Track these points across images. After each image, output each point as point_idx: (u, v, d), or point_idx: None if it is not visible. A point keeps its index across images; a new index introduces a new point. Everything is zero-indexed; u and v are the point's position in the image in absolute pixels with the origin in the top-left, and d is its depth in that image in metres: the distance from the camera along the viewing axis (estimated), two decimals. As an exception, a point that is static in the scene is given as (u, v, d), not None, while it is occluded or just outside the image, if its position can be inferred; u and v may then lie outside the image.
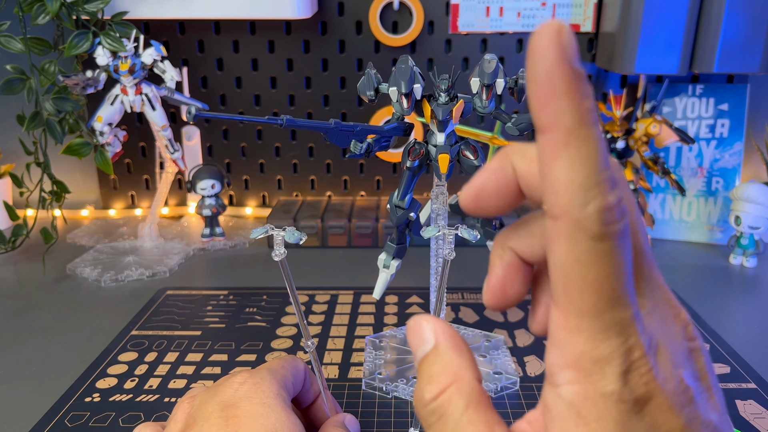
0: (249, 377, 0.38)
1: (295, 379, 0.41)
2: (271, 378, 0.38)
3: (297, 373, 0.42)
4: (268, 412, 0.35)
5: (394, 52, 0.91)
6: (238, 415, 0.35)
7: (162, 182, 0.86)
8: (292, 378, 0.41)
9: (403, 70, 0.48)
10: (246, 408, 0.35)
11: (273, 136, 0.96)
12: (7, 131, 0.93)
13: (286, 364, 0.42)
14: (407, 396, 0.53)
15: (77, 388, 0.55)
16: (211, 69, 0.93)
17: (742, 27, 0.76)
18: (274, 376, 0.39)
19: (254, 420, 0.35)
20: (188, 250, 0.84)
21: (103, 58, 0.74)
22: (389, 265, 0.56)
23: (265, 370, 0.39)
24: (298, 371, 0.42)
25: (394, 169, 0.97)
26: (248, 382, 0.37)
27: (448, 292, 0.57)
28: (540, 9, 0.88)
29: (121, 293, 0.73)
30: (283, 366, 0.41)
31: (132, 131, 0.93)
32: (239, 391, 0.37)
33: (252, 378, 0.38)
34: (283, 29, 0.91)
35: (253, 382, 0.37)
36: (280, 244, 0.41)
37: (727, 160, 0.86)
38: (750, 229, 0.79)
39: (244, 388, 0.37)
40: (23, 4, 0.72)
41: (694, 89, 0.87)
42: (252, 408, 0.36)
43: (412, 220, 0.54)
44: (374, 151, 0.50)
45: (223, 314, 0.67)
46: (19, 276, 0.78)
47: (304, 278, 0.77)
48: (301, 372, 0.42)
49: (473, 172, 0.52)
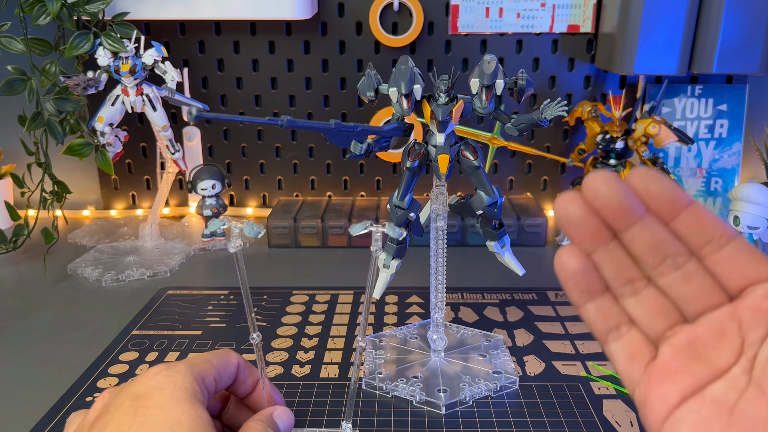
0: (164, 369, 0.39)
1: (222, 373, 0.43)
2: (187, 372, 0.40)
3: (227, 367, 0.43)
4: (176, 404, 0.37)
5: (394, 53, 0.91)
6: (147, 405, 0.37)
7: (163, 182, 0.86)
8: (216, 372, 0.42)
9: (403, 71, 0.49)
10: (156, 399, 0.37)
11: (273, 137, 0.97)
12: (8, 131, 0.94)
13: (212, 358, 0.43)
14: (407, 396, 0.53)
15: (78, 387, 0.55)
16: (212, 69, 0.93)
17: (741, 28, 0.76)
18: (190, 370, 0.40)
19: (161, 411, 0.36)
20: (189, 250, 0.84)
21: (104, 59, 0.75)
22: (389, 265, 0.56)
23: (183, 363, 0.41)
24: (228, 364, 0.44)
25: (394, 170, 0.97)
26: (162, 374, 0.39)
27: (447, 292, 0.58)
28: (540, 10, 0.88)
29: (122, 293, 0.73)
30: (207, 360, 0.42)
31: (133, 132, 0.93)
32: (152, 382, 0.38)
33: (167, 371, 0.39)
34: (284, 30, 0.91)
35: (167, 374, 0.39)
36: (237, 237, 0.42)
37: (726, 160, 0.86)
38: (749, 229, 0.79)
39: (157, 379, 0.38)
40: (24, 5, 0.72)
41: (693, 90, 0.87)
42: (161, 400, 0.37)
43: (412, 220, 0.54)
44: (374, 151, 0.51)
45: (224, 314, 0.68)
46: (20, 276, 0.78)
47: (304, 278, 0.77)
48: (232, 365, 0.44)
49: (473, 172, 0.52)
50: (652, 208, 0.30)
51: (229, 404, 0.47)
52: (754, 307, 0.29)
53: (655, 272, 0.31)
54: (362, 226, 0.42)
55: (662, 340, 0.32)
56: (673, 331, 0.31)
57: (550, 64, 0.91)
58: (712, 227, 0.30)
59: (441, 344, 0.57)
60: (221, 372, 0.43)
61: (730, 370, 0.29)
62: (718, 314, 0.30)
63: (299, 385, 0.55)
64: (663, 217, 0.31)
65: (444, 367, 0.56)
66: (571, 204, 0.30)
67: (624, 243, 0.31)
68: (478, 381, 0.54)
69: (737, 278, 0.30)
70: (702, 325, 0.31)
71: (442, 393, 0.52)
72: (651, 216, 0.31)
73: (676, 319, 0.32)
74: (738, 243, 0.31)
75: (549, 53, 0.91)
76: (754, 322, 0.29)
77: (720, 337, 0.30)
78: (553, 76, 0.92)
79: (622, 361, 0.32)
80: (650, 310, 0.32)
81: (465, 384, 0.53)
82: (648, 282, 0.32)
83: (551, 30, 0.89)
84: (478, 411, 0.51)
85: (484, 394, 0.53)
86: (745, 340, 0.29)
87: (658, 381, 0.30)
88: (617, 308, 0.32)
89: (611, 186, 0.29)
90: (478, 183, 0.52)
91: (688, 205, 0.30)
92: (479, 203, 0.53)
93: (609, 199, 0.30)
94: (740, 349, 0.30)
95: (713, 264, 0.31)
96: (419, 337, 0.61)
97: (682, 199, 0.30)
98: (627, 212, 0.30)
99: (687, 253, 0.31)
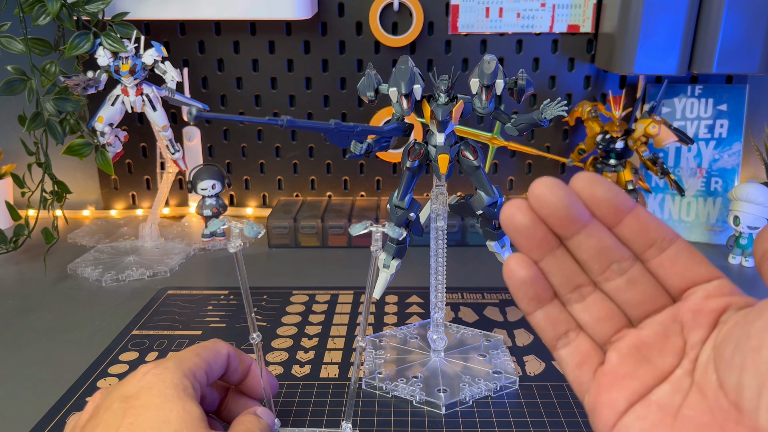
0: (153, 368, 0.40)
1: (213, 364, 0.43)
2: (176, 368, 0.40)
3: (217, 357, 0.44)
4: (165, 402, 0.37)
5: (394, 53, 0.91)
6: (136, 405, 0.37)
7: (163, 182, 0.86)
8: (206, 365, 0.42)
9: (403, 71, 0.49)
10: (145, 399, 0.37)
11: (273, 137, 0.97)
12: (8, 131, 0.94)
13: (202, 350, 0.43)
14: (407, 396, 0.53)
15: (78, 387, 0.55)
16: (212, 69, 0.93)
17: (741, 28, 0.76)
18: (179, 366, 0.40)
19: (150, 411, 0.36)
20: (189, 250, 0.84)
21: (103, 59, 0.75)
22: (389, 264, 0.56)
23: (172, 360, 0.41)
24: (218, 355, 0.44)
25: (394, 170, 0.97)
26: (151, 373, 0.39)
27: (447, 292, 0.58)
28: (540, 10, 0.88)
29: (122, 293, 0.73)
30: (197, 353, 0.42)
31: (133, 132, 0.93)
32: (141, 382, 0.38)
33: (155, 369, 0.39)
34: (284, 30, 0.91)
35: (156, 373, 0.39)
36: (236, 237, 0.41)
37: (726, 160, 0.86)
38: (749, 229, 0.79)
39: (146, 378, 0.39)
40: (24, 5, 0.72)
41: (693, 90, 0.87)
42: (150, 399, 0.37)
43: (412, 220, 0.54)
44: (374, 151, 0.51)
45: (224, 314, 0.68)
46: (20, 276, 0.78)
47: (304, 278, 0.77)
48: (222, 355, 0.44)
49: (473, 172, 0.52)
50: (597, 213, 0.31)
51: (228, 397, 0.47)
52: (695, 309, 0.30)
53: (601, 278, 0.32)
54: (362, 226, 0.42)
55: (609, 345, 0.32)
56: (620, 336, 0.32)
57: (550, 64, 0.91)
58: (655, 231, 0.31)
59: (441, 344, 0.57)
60: (212, 364, 0.43)
61: (674, 373, 0.30)
62: (661, 317, 0.31)
63: (299, 385, 0.55)
64: (607, 223, 0.31)
65: (444, 367, 0.56)
66: (517, 212, 0.31)
67: (570, 249, 0.32)
68: (478, 381, 0.54)
69: (679, 280, 0.31)
70: (647, 329, 0.31)
71: (442, 393, 0.52)
72: (596, 222, 0.31)
73: (622, 323, 0.32)
74: (679, 245, 0.31)
75: (549, 53, 0.91)
76: (695, 324, 0.30)
77: (663, 339, 0.31)
78: (553, 76, 0.92)
79: (572, 368, 0.32)
80: (597, 316, 0.32)
81: (465, 384, 0.53)
82: (594, 287, 0.33)
83: (551, 30, 0.89)
84: (478, 411, 0.51)
85: (484, 394, 0.53)
86: (687, 342, 0.30)
87: (606, 387, 0.31)
88: (565, 315, 0.33)
89: (557, 194, 0.30)
90: (478, 183, 0.52)
91: (632, 209, 0.31)
92: (479, 203, 0.53)
93: (555, 207, 0.30)
94: (683, 350, 0.30)
95: (656, 267, 0.32)
96: (419, 337, 0.61)
97: (626, 204, 0.31)
98: (573, 220, 0.31)
99: (632, 258, 0.32)
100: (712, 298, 0.30)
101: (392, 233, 0.43)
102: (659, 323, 0.31)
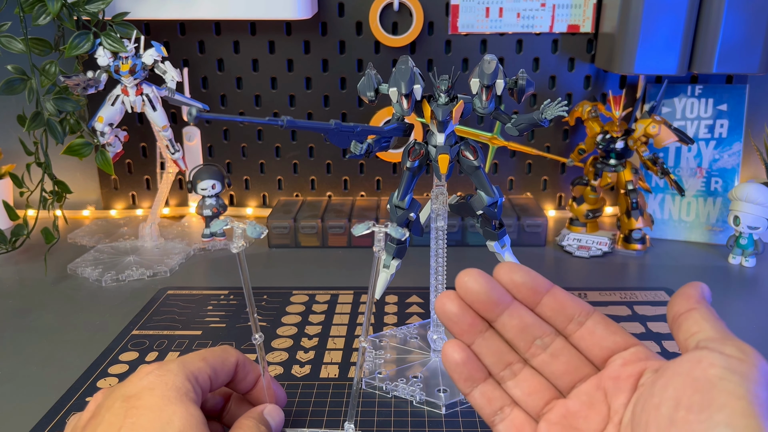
0: (156, 369, 0.39)
1: (218, 371, 0.43)
2: (179, 370, 0.40)
3: (223, 364, 0.43)
4: (166, 404, 0.37)
5: (394, 53, 0.91)
6: (137, 406, 0.37)
7: (163, 182, 0.86)
8: (211, 370, 0.42)
9: (403, 71, 0.49)
10: (146, 399, 0.37)
11: (273, 137, 0.97)
12: (7, 131, 0.93)
13: (208, 355, 0.43)
14: (407, 396, 0.53)
15: (78, 387, 0.55)
16: (212, 69, 0.93)
17: (741, 28, 0.76)
18: (182, 369, 0.40)
19: (151, 411, 0.36)
20: (189, 250, 0.84)
21: (103, 59, 0.75)
22: (389, 265, 0.56)
23: (176, 362, 0.41)
24: (225, 362, 0.43)
25: (394, 170, 0.97)
26: (153, 374, 0.39)
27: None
28: (540, 9, 0.88)
29: (122, 293, 0.73)
30: (203, 358, 0.42)
31: (133, 132, 0.93)
32: (143, 382, 0.38)
33: (159, 370, 0.39)
34: (284, 30, 0.91)
35: (158, 374, 0.39)
36: (239, 237, 0.41)
37: (726, 160, 0.86)
38: (749, 229, 0.79)
39: (148, 379, 0.38)
40: (24, 5, 0.72)
41: (693, 90, 0.87)
42: (152, 400, 0.37)
43: (412, 220, 0.54)
44: (374, 151, 0.51)
45: (224, 314, 0.68)
46: (20, 276, 0.78)
47: (304, 278, 0.77)
48: (230, 363, 0.44)
49: (473, 172, 0.52)
50: (518, 296, 0.35)
51: (230, 402, 0.47)
52: (614, 376, 0.33)
53: (528, 354, 0.35)
54: (365, 227, 0.42)
55: (541, 417, 0.35)
56: (550, 407, 0.35)
57: (550, 64, 0.91)
58: (572, 307, 0.35)
59: (441, 344, 0.57)
60: (217, 370, 0.42)
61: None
62: (586, 386, 0.34)
63: (299, 385, 0.55)
64: (528, 303, 0.35)
65: (444, 367, 0.56)
66: (448, 302, 0.35)
67: (498, 330, 0.36)
68: (478, 381, 0.54)
69: (599, 350, 0.34)
70: (573, 398, 0.34)
71: (442, 393, 0.52)
72: (517, 304, 0.35)
73: (552, 395, 0.35)
74: (596, 318, 0.35)
75: (549, 53, 0.91)
76: (616, 390, 0.33)
77: (589, 407, 0.33)
78: (553, 76, 0.92)
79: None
80: (528, 390, 0.35)
81: (465, 384, 0.53)
82: (524, 364, 0.36)
83: (551, 30, 0.89)
84: (478, 411, 0.51)
85: (484, 394, 0.53)
86: (611, 407, 0.33)
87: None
88: (499, 392, 0.36)
89: (478, 281, 0.34)
90: (478, 183, 0.52)
91: (549, 289, 0.35)
92: (479, 203, 0.53)
93: (478, 294, 0.34)
94: (607, 416, 0.33)
95: (578, 340, 0.35)
96: (419, 337, 0.61)
97: (542, 285, 0.35)
98: (495, 303, 0.35)
99: (553, 333, 0.35)
100: (629, 365, 0.33)
101: (395, 233, 0.43)
102: (585, 393, 0.34)
